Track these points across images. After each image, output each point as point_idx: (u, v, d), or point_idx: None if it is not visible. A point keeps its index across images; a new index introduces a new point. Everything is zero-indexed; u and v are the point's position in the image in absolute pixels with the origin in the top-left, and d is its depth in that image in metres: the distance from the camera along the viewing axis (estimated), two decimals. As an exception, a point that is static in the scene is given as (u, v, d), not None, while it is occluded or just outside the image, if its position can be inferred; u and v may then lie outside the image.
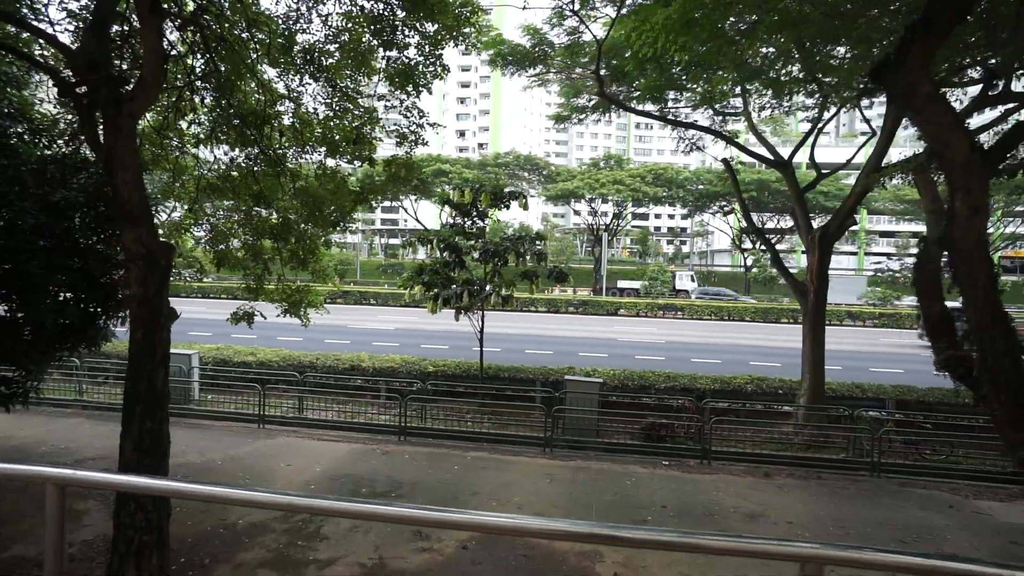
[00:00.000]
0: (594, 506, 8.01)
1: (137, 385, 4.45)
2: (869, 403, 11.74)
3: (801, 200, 11.65)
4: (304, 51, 7.39)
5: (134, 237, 4.41)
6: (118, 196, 4.43)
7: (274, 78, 8.22)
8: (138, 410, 4.45)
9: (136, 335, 4.51)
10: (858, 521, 7.77)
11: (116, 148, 4.36)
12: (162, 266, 4.60)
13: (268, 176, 8.25)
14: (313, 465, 9.14)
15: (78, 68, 4.50)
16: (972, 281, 4.48)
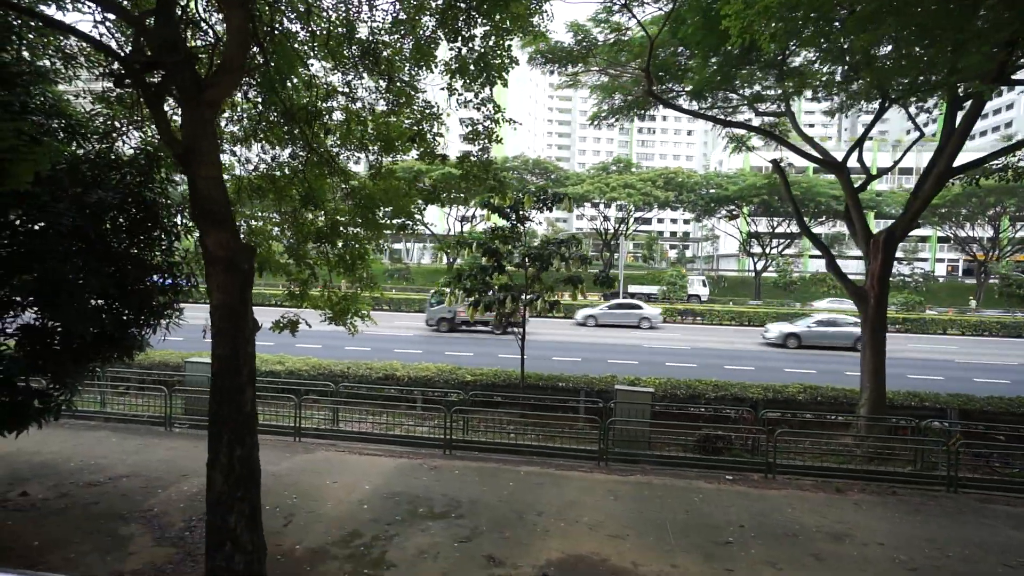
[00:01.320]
0: (668, 526, 7.51)
1: (223, 407, 3.96)
2: (930, 413, 11.26)
3: (857, 203, 11.20)
4: (362, 43, 6.92)
5: (217, 240, 3.93)
6: (198, 194, 3.96)
7: (319, 72, 7.78)
8: (226, 436, 3.96)
9: (219, 350, 4.03)
10: (954, 542, 7.28)
11: (197, 140, 3.90)
12: (245, 271, 4.12)
13: (318, 176, 7.78)
14: (361, 482, 8.63)
15: (154, 50, 4.02)
16: None
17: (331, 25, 6.55)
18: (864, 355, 10.84)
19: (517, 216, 11.88)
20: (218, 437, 4.01)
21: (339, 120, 7.63)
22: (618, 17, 11.30)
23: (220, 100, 4.41)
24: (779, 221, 51.26)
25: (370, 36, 6.82)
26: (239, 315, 4.08)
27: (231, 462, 4.00)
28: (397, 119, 7.52)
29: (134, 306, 7.90)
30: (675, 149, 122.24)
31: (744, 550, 6.92)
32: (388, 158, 7.47)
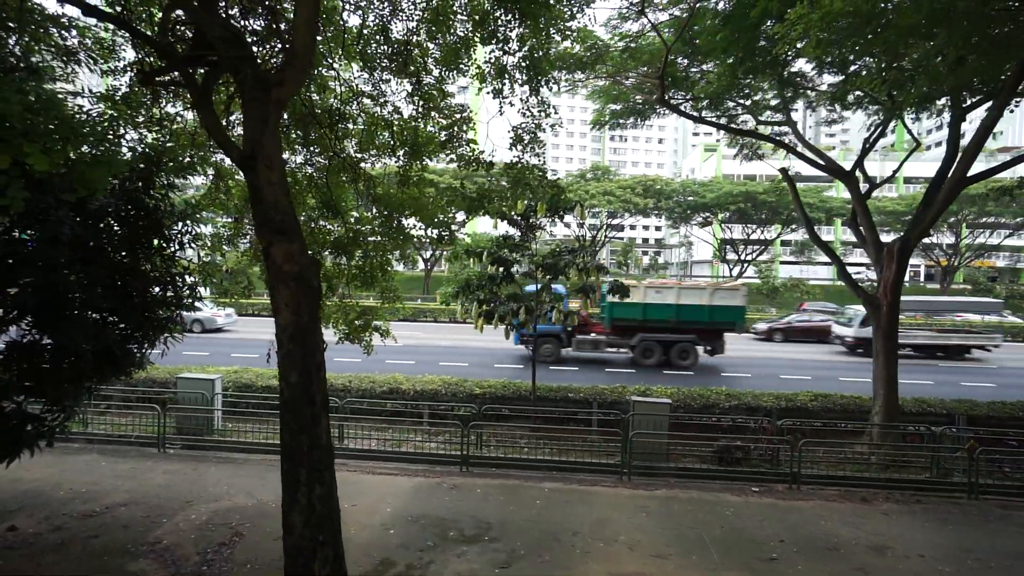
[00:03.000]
0: (707, 542, 7.31)
1: (298, 441, 3.56)
2: (938, 419, 11.39)
3: (866, 211, 11.31)
4: (394, 42, 6.59)
5: (285, 252, 3.55)
6: (264, 202, 3.58)
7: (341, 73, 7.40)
8: (303, 473, 3.55)
9: (289, 376, 3.63)
10: (992, 553, 7.27)
11: (262, 143, 3.52)
12: (315, 287, 3.74)
13: (339, 183, 7.39)
14: (381, 504, 8.19)
15: (216, 43, 3.62)
16: None
17: (363, 24, 6.17)
18: (877, 363, 10.90)
19: (527, 224, 11.61)
20: (294, 475, 3.60)
21: (363, 124, 7.25)
22: (629, 25, 11.20)
23: (287, 99, 4.03)
24: (753, 228, 52.29)
25: (403, 35, 6.48)
26: (310, 336, 3.69)
27: (311, 502, 3.59)
28: (425, 123, 7.18)
29: (134, 320, 7.38)
30: (647, 157, 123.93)
31: (790, 567, 6.76)
32: (417, 164, 7.11)
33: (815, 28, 5.40)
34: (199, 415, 11.04)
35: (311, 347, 3.72)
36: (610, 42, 11.44)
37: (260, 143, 3.57)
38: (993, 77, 8.40)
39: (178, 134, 7.62)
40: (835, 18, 5.26)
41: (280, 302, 3.66)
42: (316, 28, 3.81)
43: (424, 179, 7.23)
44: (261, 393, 12.06)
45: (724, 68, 9.02)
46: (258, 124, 3.57)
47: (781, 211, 47.38)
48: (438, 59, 6.86)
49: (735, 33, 8.00)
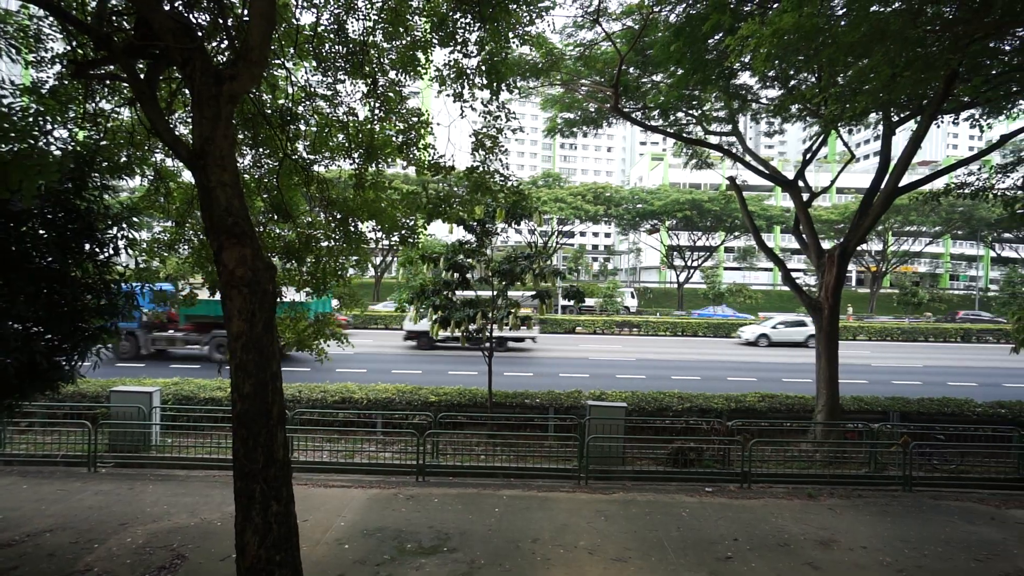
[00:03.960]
0: (665, 543, 7.41)
1: (253, 457, 3.34)
2: (874, 416, 12.01)
3: (808, 219, 11.85)
4: (350, 42, 6.42)
5: (238, 257, 3.34)
6: (215, 204, 3.36)
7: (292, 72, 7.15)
8: (258, 490, 3.33)
9: (243, 388, 3.41)
10: (926, 541, 7.67)
11: (213, 141, 3.31)
12: (270, 294, 3.54)
13: (291, 186, 7.13)
14: (335, 518, 7.90)
15: (164, 34, 3.38)
16: None
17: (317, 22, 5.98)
18: (819, 364, 11.41)
19: (483, 229, 11.54)
20: (248, 493, 3.37)
21: (315, 125, 7.02)
22: (584, 33, 11.36)
23: (241, 94, 3.81)
24: (699, 235, 54.04)
25: (359, 35, 6.31)
26: (265, 345, 3.49)
27: (266, 521, 3.37)
28: (381, 126, 7.02)
29: (63, 330, 6.90)
30: (596, 165, 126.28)
31: (745, 564, 6.92)
32: (373, 167, 6.93)
33: (766, 43, 5.61)
34: (135, 430, 10.38)
35: (266, 357, 3.52)
36: (565, 50, 11.56)
37: (212, 141, 3.35)
38: (921, 94, 8.97)
39: (114, 131, 7.17)
40: (784, 34, 5.48)
41: (232, 309, 3.45)
42: (273, 20, 3.63)
43: (380, 183, 7.05)
44: (204, 405, 11.47)
45: (676, 79, 9.28)
46: (209, 121, 3.36)
47: (725, 218, 49.21)
48: (395, 60, 6.72)
49: (687, 45, 8.23)
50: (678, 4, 9.54)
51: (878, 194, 10.40)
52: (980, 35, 6.67)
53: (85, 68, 4.11)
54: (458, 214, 7.53)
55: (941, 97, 8.55)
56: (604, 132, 14.00)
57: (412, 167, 6.84)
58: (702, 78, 9.00)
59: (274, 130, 6.57)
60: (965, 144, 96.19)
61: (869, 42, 6.37)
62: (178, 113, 7.34)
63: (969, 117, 10.35)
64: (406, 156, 6.97)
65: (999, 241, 54.58)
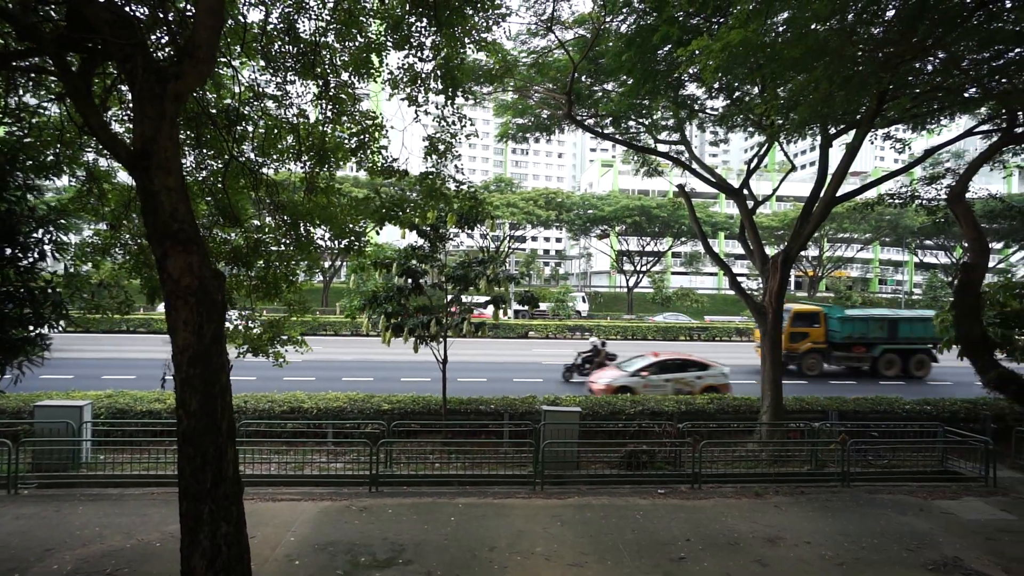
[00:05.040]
0: (621, 546, 7.50)
1: (200, 476, 3.14)
2: (815, 415, 12.57)
3: (753, 226, 12.31)
4: (300, 42, 6.24)
5: (184, 265, 3.15)
6: (159, 208, 3.16)
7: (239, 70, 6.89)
8: (207, 511, 3.13)
9: (190, 404, 3.20)
10: (863, 534, 8.06)
11: (156, 142, 3.11)
12: (218, 303, 3.35)
13: (237, 189, 6.86)
14: (284, 533, 7.61)
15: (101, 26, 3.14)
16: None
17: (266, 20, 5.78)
18: (764, 366, 11.85)
19: (436, 235, 11.43)
20: (195, 514, 3.16)
21: (263, 126, 6.77)
22: (537, 40, 11.46)
23: (188, 94, 3.59)
24: (647, 241, 55.37)
25: (310, 35, 6.14)
26: (214, 357, 3.29)
27: (215, 543, 3.17)
28: (333, 129, 6.85)
29: (-18, 342, 6.42)
30: (547, 170, 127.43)
31: (698, 564, 7.08)
32: (325, 171, 6.73)
33: (715, 58, 5.80)
34: (62, 448, 9.70)
35: (214, 370, 3.33)
36: (519, 56, 11.62)
37: (155, 142, 3.15)
38: (855, 109, 9.48)
39: (40, 128, 6.71)
40: (732, 49, 5.68)
41: (177, 320, 3.24)
42: (222, 17, 3.46)
43: (333, 187, 6.86)
44: (141, 419, 10.85)
45: (627, 88, 9.48)
46: (152, 121, 3.16)
47: (673, 224, 50.63)
48: (347, 62, 6.57)
49: (638, 56, 8.42)
50: (629, 15, 9.76)
51: (817, 203, 10.94)
52: (908, 56, 7.10)
53: (7, 59, 3.81)
54: (411, 219, 7.40)
55: (873, 113, 9.07)
56: (556, 138, 14.16)
57: (364, 170, 6.68)
58: (652, 88, 9.24)
59: (219, 131, 6.30)
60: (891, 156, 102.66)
61: (809, 58, 6.68)
62: (113, 110, 6.94)
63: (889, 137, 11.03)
64: (359, 160, 6.81)
65: (922, 248, 58.29)
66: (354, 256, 7.18)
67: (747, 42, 5.76)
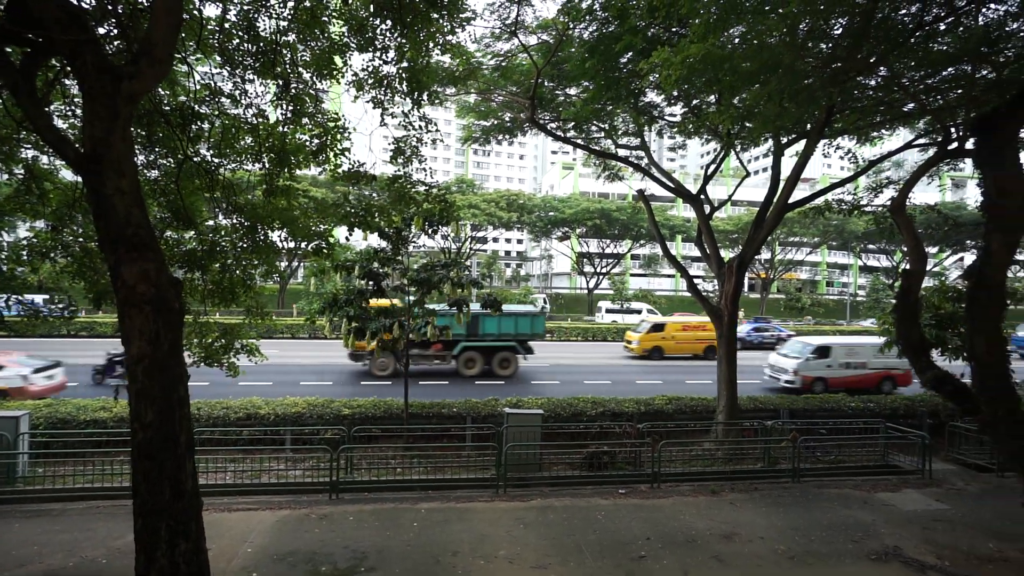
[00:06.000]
0: (583, 547, 7.60)
1: (157, 491, 3.00)
2: (768, 414, 13.03)
3: (710, 231, 12.68)
4: (260, 40, 6.09)
5: (139, 272, 3.02)
6: (112, 213, 3.02)
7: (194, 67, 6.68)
8: (164, 527, 3.00)
9: (145, 416, 3.07)
10: (813, 527, 8.41)
11: (109, 144, 2.98)
12: (176, 311, 3.23)
13: (192, 190, 6.65)
14: (241, 545, 7.40)
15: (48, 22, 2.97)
16: (989, 313, 5.10)
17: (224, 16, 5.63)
18: (720, 367, 12.21)
19: (399, 237, 11.31)
20: (152, 531, 3.03)
21: (220, 125, 6.59)
22: (501, 44, 11.50)
23: (143, 94, 3.44)
24: (607, 243, 56.22)
25: (271, 33, 6.01)
26: (171, 368, 3.17)
27: (174, 561, 3.04)
28: (293, 130, 6.72)
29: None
30: (509, 172, 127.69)
31: (658, 562, 7.25)
32: (285, 173, 6.58)
33: (675, 69, 5.96)
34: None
35: (172, 380, 3.21)
36: (483, 59, 11.64)
37: (107, 144, 3.01)
38: (806, 120, 9.90)
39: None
40: (691, 61, 5.86)
41: (132, 329, 3.11)
42: (180, 15, 3.33)
43: (293, 190, 6.71)
44: (85, 428, 10.34)
45: (590, 94, 9.63)
46: (104, 122, 3.01)
47: (632, 227, 51.56)
48: (309, 62, 6.45)
49: (601, 63, 8.57)
50: (592, 22, 9.92)
51: (771, 210, 11.37)
52: (854, 72, 7.46)
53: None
54: (380, 225, 7.31)
55: (822, 125, 9.49)
56: (518, 140, 14.25)
57: (328, 174, 6.57)
58: (615, 95, 9.42)
59: (173, 129, 6.09)
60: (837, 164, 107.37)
61: (764, 72, 6.93)
62: (55, 105, 6.62)
63: (837, 148, 11.57)
64: (321, 162, 6.70)
65: (866, 252, 61.18)
66: (321, 259, 7.03)
67: (707, 56, 5.94)
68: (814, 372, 19.20)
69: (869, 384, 19.17)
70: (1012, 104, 4.48)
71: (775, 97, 7.14)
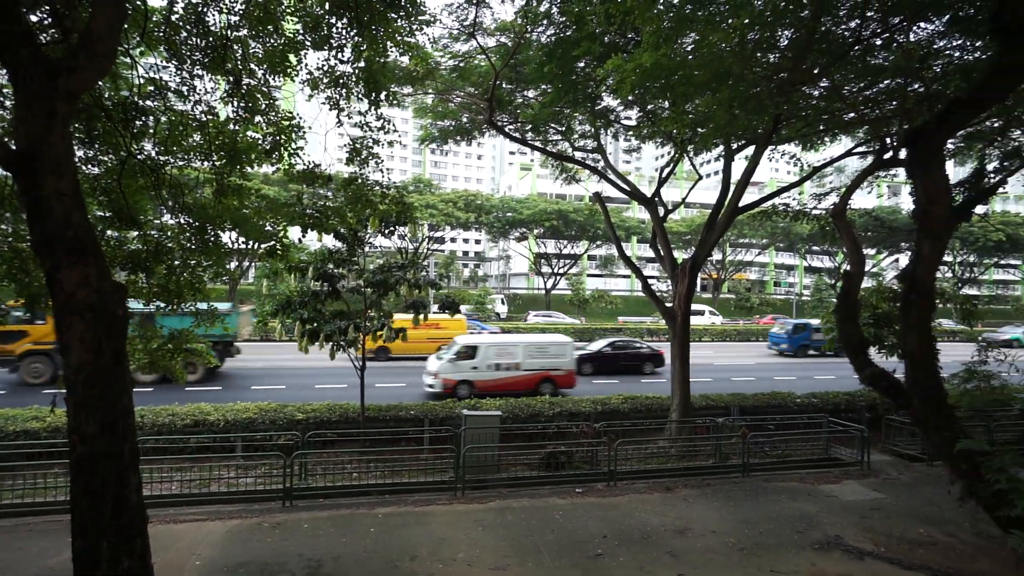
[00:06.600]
0: (541, 547, 7.67)
1: (98, 507, 2.84)
2: (719, 411, 13.44)
3: (664, 233, 13.00)
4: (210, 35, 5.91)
5: (79, 277, 2.87)
6: (48, 214, 2.85)
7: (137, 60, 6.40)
8: (106, 546, 2.84)
9: (86, 428, 2.90)
10: (761, 520, 8.74)
11: (46, 144, 2.82)
12: (120, 318, 3.08)
13: (136, 188, 6.38)
14: (189, 557, 7.13)
15: None
16: (920, 313, 5.43)
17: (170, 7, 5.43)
18: (674, 366, 12.53)
19: (354, 238, 11.13)
20: (92, 551, 2.85)
21: (167, 122, 6.34)
22: (459, 45, 11.48)
23: (83, 90, 3.25)
24: (564, 244, 56.80)
25: (222, 28, 5.83)
26: (115, 378, 3.02)
27: None
28: (245, 128, 6.53)
29: None
30: (466, 172, 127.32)
31: (614, 559, 7.39)
32: (236, 172, 6.38)
33: (629, 77, 6.10)
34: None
35: (116, 391, 3.05)
36: (441, 60, 11.58)
37: (45, 143, 2.84)
38: (755, 126, 10.28)
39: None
40: (645, 69, 6.02)
41: (72, 338, 2.94)
42: (124, 7, 3.17)
43: (246, 189, 6.51)
44: (14, 440, 9.73)
45: (548, 98, 9.74)
46: (41, 120, 2.84)
47: (589, 228, 52.22)
48: (262, 59, 6.28)
49: (559, 67, 8.68)
50: (549, 26, 10.02)
51: (722, 212, 11.75)
52: (798, 83, 7.81)
53: None
54: (335, 226, 7.16)
55: (770, 132, 9.88)
56: (476, 140, 14.24)
57: (281, 174, 6.41)
58: (572, 99, 9.55)
59: (115, 125, 5.82)
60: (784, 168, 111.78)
61: (715, 81, 7.17)
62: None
63: (784, 154, 12.08)
64: (275, 161, 6.52)
65: (810, 253, 63.91)
66: (276, 260, 6.83)
67: (659, 65, 6.10)
68: (458, 375, 17.19)
69: (525, 387, 17.33)
70: (939, 118, 4.80)
71: (725, 105, 7.39)
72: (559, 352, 18.23)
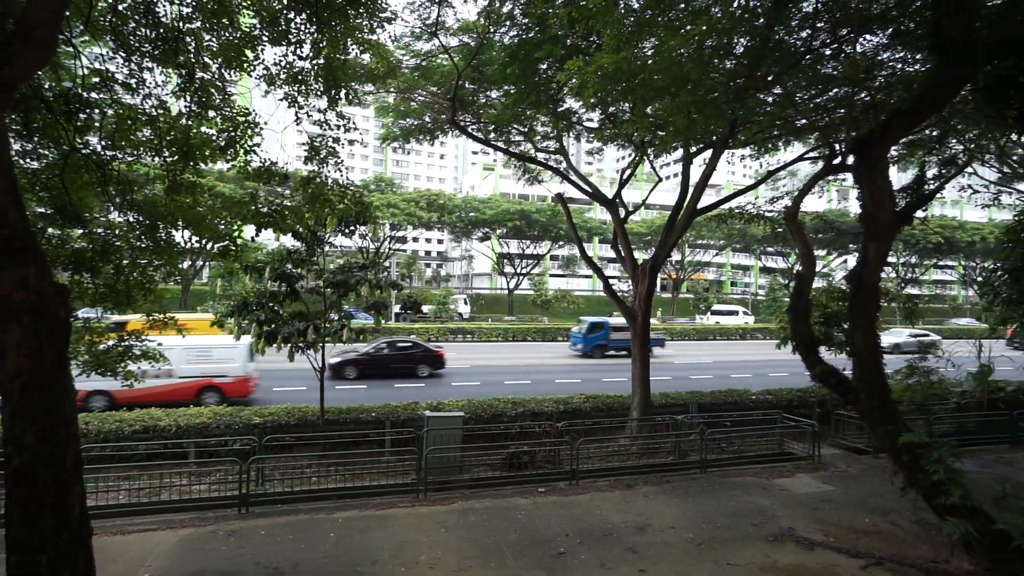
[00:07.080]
0: (504, 547, 7.69)
1: (37, 522, 2.67)
2: (678, 409, 13.73)
3: (624, 234, 13.20)
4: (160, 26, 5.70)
5: (16, 279, 2.70)
6: (-17, 213, 2.69)
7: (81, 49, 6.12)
8: (44, 562, 2.67)
9: (23, 438, 2.73)
10: (718, 514, 8.98)
11: (-21, 137, 2.66)
12: (62, 321, 2.92)
13: (81, 184, 6.10)
14: (136, 569, 6.86)
15: None
16: (866, 312, 5.68)
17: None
18: (634, 365, 12.74)
19: (313, 238, 10.91)
20: (28, 569, 2.68)
21: (114, 115, 6.08)
22: (421, 44, 11.39)
23: (20, 82, 3.07)
24: (527, 244, 57.05)
25: (173, 19, 5.63)
26: (55, 384, 2.86)
27: None
28: (198, 123, 6.32)
29: None
30: (429, 171, 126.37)
31: (576, 557, 7.46)
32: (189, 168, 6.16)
33: (590, 80, 6.19)
34: None
35: (57, 397, 2.89)
36: (403, 59, 11.47)
37: (-25, 138, 2.68)
38: (713, 130, 10.57)
39: None
40: (605, 72, 6.11)
41: (8, 342, 2.76)
42: (64, 0, 3.02)
43: (200, 186, 6.30)
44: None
45: (511, 99, 9.78)
46: (-28, 112, 2.68)
47: (551, 229, 52.58)
48: (217, 52, 6.09)
49: (522, 69, 8.73)
50: (512, 27, 10.05)
51: (681, 214, 12.03)
52: (753, 90, 8.06)
53: None
54: (292, 226, 7.00)
55: (727, 137, 10.17)
56: (439, 140, 14.17)
57: (236, 171, 6.23)
58: (535, 100, 9.62)
59: (57, 118, 5.55)
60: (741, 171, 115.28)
61: (675, 86, 7.33)
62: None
63: (740, 158, 12.46)
64: (230, 158, 6.33)
65: (765, 254, 65.98)
66: (230, 261, 6.62)
67: (618, 68, 6.20)
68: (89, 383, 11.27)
69: (181, 396, 15.24)
70: (883, 127, 5.06)
71: (684, 109, 7.56)
72: (225, 356, 15.94)
